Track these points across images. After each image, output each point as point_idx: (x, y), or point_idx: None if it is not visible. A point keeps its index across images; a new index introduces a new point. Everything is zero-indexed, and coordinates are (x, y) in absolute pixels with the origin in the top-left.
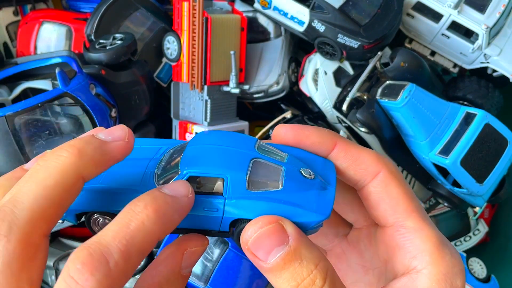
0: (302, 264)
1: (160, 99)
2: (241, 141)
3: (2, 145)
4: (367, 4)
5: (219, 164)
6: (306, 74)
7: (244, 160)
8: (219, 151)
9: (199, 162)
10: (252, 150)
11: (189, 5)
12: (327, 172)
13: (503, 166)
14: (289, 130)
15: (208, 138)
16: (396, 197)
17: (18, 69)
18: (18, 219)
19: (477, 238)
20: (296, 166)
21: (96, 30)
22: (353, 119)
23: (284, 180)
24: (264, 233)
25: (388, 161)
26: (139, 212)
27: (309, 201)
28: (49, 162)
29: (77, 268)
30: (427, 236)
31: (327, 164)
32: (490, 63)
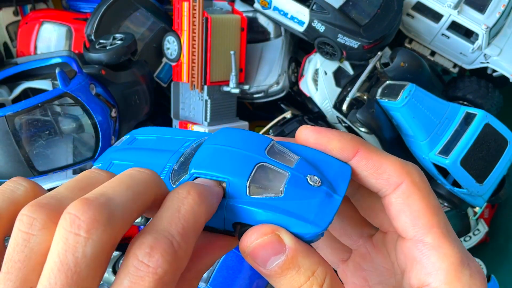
0: (300, 271)
1: (160, 99)
2: (254, 142)
3: (2, 145)
4: (367, 4)
5: (223, 168)
6: (306, 74)
7: (249, 164)
8: (228, 153)
9: (205, 164)
10: (261, 153)
11: (189, 5)
12: (339, 179)
13: (503, 166)
14: (310, 132)
15: (224, 137)
16: (417, 210)
17: (18, 69)
18: (115, 215)
19: (477, 238)
20: (303, 172)
21: (96, 30)
22: (353, 119)
23: (286, 187)
24: (260, 243)
25: (412, 170)
26: (185, 198)
27: (308, 211)
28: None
29: (146, 252)
30: (446, 254)
31: (343, 169)
32: (490, 63)
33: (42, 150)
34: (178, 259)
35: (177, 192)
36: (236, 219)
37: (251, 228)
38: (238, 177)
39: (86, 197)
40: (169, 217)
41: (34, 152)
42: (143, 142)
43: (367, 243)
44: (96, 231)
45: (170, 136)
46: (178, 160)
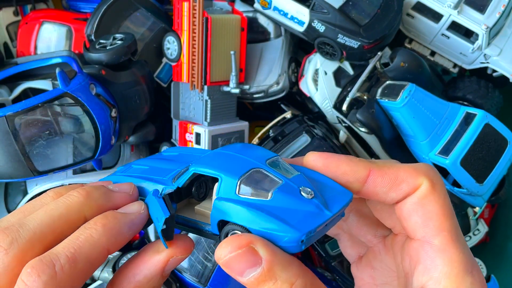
0: (277, 284)
1: (160, 99)
2: (259, 154)
3: (2, 145)
4: (367, 4)
5: (219, 166)
6: (306, 74)
7: (245, 168)
8: (229, 157)
9: (204, 162)
10: (261, 161)
11: (189, 5)
12: (336, 200)
13: (503, 166)
14: (318, 158)
15: (234, 146)
16: (430, 211)
17: (18, 69)
18: (21, 237)
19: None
20: (298, 183)
21: (96, 30)
22: (353, 119)
23: (275, 192)
24: (234, 257)
25: (429, 171)
26: (89, 228)
27: (292, 217)
28: (60, 198)
29: (27, 271)
30: (451, 259)
31: (344, 194)
32: (490, 63)
33: (42, 150)
34: (58, 280)
35: (88, 222)
36: (221, 217)
37: (225, 239)
38: (230, 176)
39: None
40: (66, 243)
41: (34, 152)
42: (167, 155)
43: (380, 243)
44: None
45: (191, 154)
46: (186, 166)
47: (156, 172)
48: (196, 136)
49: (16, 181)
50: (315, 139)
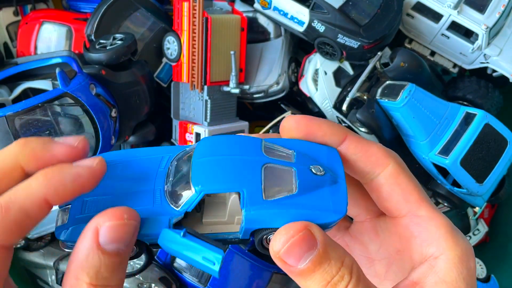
0: (331, 264)
1: (160, 99)
2: (247, 145)
3: (2, 145)
4: (367, 4)
5: (232, 178)
6: (306, 74)
7: (255, 169)
8: (228, 162)
9: (211, 178)
10: (260, 154)
11: (189, 5)
12: (334, 162)
13: (503, 166)
14: (301, 120)
15: (213, 146)
16: (407, 187)
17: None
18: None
19: (477, 238)
20: (305, 164)
21: (96, 30)
22: (353, 119)
23: (298, 183)
24: (295, 241)
25: (395, 154)
26: (29, 178)
27: (325, 200)
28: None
29: None
30: (441, 223)
31: (332, 152)
32: (489, 63)
33: None
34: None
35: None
36: (257, 226)
37: (280, 229)
38: (251, 185)
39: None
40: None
41: None
42: (111, 170)
43: (344, 236)
44: None
45: (140, 157)
46: (166, 181)
47: (129, 199)
48: (196, 136)
49: None
50: None
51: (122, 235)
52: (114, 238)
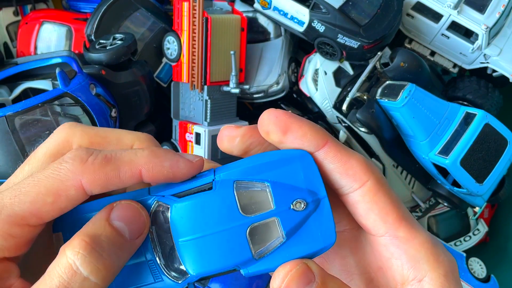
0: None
1: (160, 99)
2: (222, 210)
3: (2, 145)
4: (367, 4)
5: (223, 257)
6: (306, 74)
7: (241, 237)
8: (212, 240)
9: (202, 262)
10: (239, 217)
11: (189, 5)
12: (311, 176)
13: (503, 166)
14: (281, 116)
15: (190, 221)
16: (385, 206)
17: (19, 69)
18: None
19: (477, 238)
20: (286, 203)
21: (96, 30)
22: (353, 119)
23: (285, 231)
24: (293, 276)
25: (376, 169)
26: (138, 149)
27: (313, 232)
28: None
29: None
30: (421, 243)
31: (305, 162)
32: (489, 63)
33: None
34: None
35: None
36: (258, 274)
37: (278, 268)
38: (243, 258)
39: None
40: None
41: None
42: None
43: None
44: None
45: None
46: (155, 251)
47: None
48: (196, 136)
49: None
50: None
51: (130, 215)
52: (123, 216)
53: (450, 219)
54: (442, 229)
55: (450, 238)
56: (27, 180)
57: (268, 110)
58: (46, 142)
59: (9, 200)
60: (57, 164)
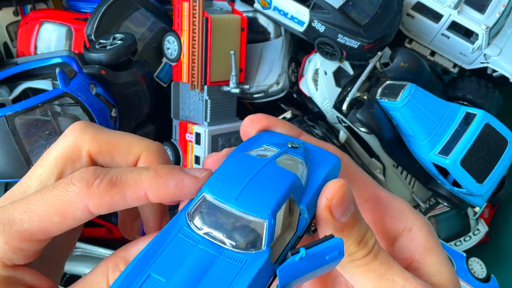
0: (362, 220)
1: (160, 99)
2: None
3: (2, 145)
4: (367, 4)
5: (276, 187)
6: (306, 74)
7: (277, 168)
8: (259, 179)
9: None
10: (264, 160)
11: (189, 5)
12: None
13: (503, 166)
14: (260, 118)
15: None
16: (362, 176)
17: (19, 69)
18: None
19: (477, 238)
20: (283, 146)
21: (96, 30)
22: (353, 119)
23: (304, 160)
24: (343, 193)
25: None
26: (143, 168)
27: (323, 158)
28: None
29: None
30: (401, 201)
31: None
32: (490, 63)
33: (42, 150)
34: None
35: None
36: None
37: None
38: (292, 179)
39: None
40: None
41: (34, 152)
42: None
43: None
44: None
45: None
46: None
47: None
48: (196, 136)
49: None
50: None
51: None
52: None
53: (450, 219)
54: (442, 229)
55: (450, 238)
56: (36, 197)
57: (249, 116)
58: (57, 145)
59: (19, 216)
60: (65, 186)
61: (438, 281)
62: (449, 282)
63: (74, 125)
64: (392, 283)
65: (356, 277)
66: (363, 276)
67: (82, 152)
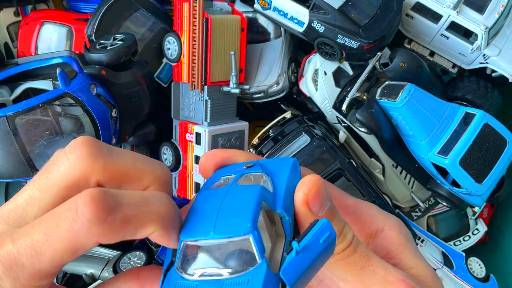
0: (339, 214)
1: (160, 99)
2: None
3: (3, 145)
4: (367, 4)
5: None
6: (306, 75)
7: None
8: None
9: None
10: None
11: (189, 5)
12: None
13: (502, 166)
14: (216, 152)
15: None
16: (330, 190)
17: (19, 69)
18: (102, 155)
19: (476, 238)
20: (240, 170)
21: (96, 31)
22: (352, 119)
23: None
24: (318, 188)
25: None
26: (160, 195)
27: (279, 164)
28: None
29: (85, 201)
30: (368, 205)
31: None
32: (489, 64)
33: (43, 150)
34: (102, 229)
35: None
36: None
37: (303, 179)
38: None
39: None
40: (133, 197)
41: (34, 152)
42: None
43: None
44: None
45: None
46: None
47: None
48: (196, 136)
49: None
50: (315, 139)
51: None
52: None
53: (449, 219)
54: (442, 228)
55: (449, 238)
56: (40, 234)
57: (204, 154)
58: (60, 169)
59: (27, 260)
60: (72, 222)
61: (416, 273)
62: (426, 273)
63: (81, 148)
64: (373, 274)
65: (337, 272)
66: (344, 270)
67: (90, 182)
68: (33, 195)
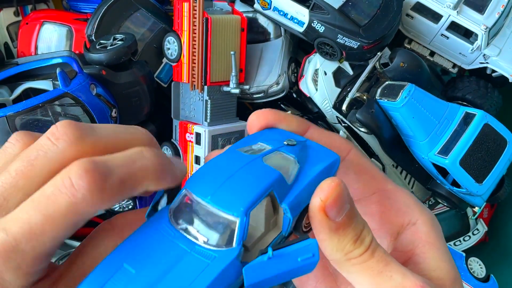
0: (358, 218)
1: (160, 99)
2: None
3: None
4: (367, 4)
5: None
6: (306, 75)
7: (262, 165)
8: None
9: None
10: (250, 156)
11: (189, 5)
12: (287, 134)
13: (502, 166)
14: (268, 113)
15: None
16: (370, 168)
17: (19, 69)
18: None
19: (476, 238)
20: (279, 143)
21: (96, 31)
22: (352, 119)
23: (296, 159)
24: (338, 193)
25: (354, 143)
26: (147, 154)
27: (319, 156)
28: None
29: (79, 173)
30: (407, 194)
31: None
32: (489, 64)
33: None
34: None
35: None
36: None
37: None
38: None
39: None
40: (122, 159)
41: None
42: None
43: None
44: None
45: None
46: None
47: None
48: (196, 136)
49: None
50: None
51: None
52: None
53: (449, 218)
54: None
55: (449, 238)
56: (37, 216)
57: (256, 112)
58: (51, 157)
59: (27, 244)
60: (72, 196)
61: (437, 276)
62: (448, 277)
63: (67, 133)
64: (390, 280)
65: (353, 275)
66: (360, 274)
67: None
68: (16, 183)
